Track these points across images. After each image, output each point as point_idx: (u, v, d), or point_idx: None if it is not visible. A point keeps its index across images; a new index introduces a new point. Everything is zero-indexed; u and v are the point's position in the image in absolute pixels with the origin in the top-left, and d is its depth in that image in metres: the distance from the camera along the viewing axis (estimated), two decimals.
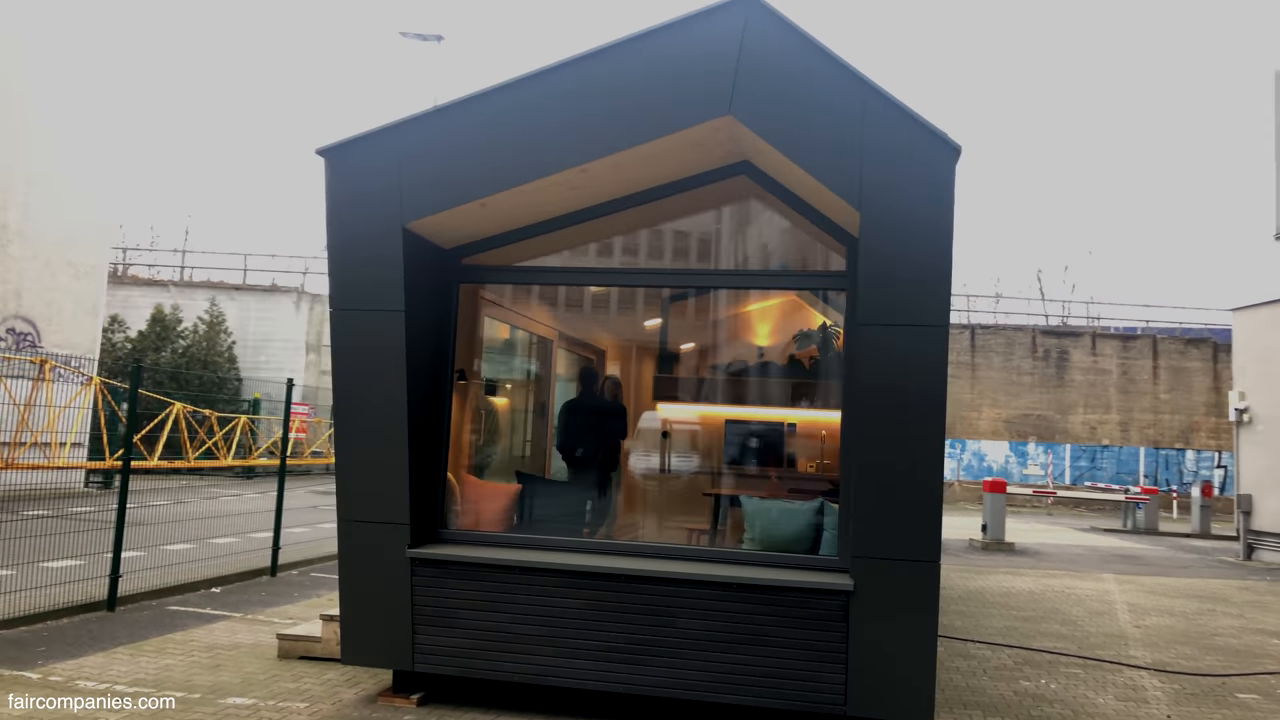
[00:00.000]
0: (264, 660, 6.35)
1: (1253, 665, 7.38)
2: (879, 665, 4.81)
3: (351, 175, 5.12)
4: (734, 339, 8.85)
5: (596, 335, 8.41)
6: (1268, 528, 14.86)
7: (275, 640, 6.72)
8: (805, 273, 5.72)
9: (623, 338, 8.50)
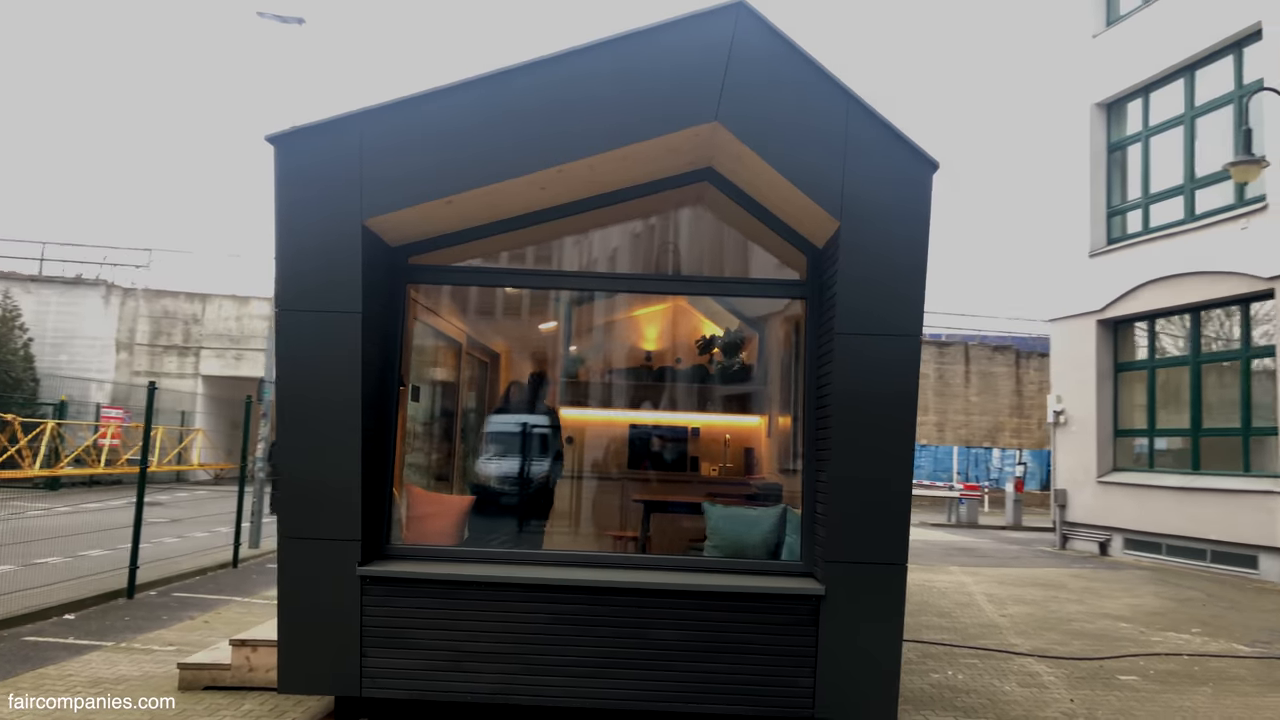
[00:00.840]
0: (165, 693, 5.77)
1: (1115, 649, 8.06)
2: (847, 667, 4.93)
3: (305, 166, 4.74)
4: (628, 343, 8.85)
5: (495, 339, 8.20)
6: (1080, 519, 16.31)
7: (169, 670, 6.15)
8: (764, 280, 5.77)
9: (527, 342, 8.33)
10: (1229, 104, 13.82)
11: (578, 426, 8.22)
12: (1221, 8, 13.77)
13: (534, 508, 6.29)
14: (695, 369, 8.67)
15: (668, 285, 6.16)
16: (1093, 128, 16.27)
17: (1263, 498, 12.62)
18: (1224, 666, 7.49)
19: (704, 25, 4.66)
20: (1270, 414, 12.85)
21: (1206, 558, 13.62)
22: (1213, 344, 14.28)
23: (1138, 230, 15.44)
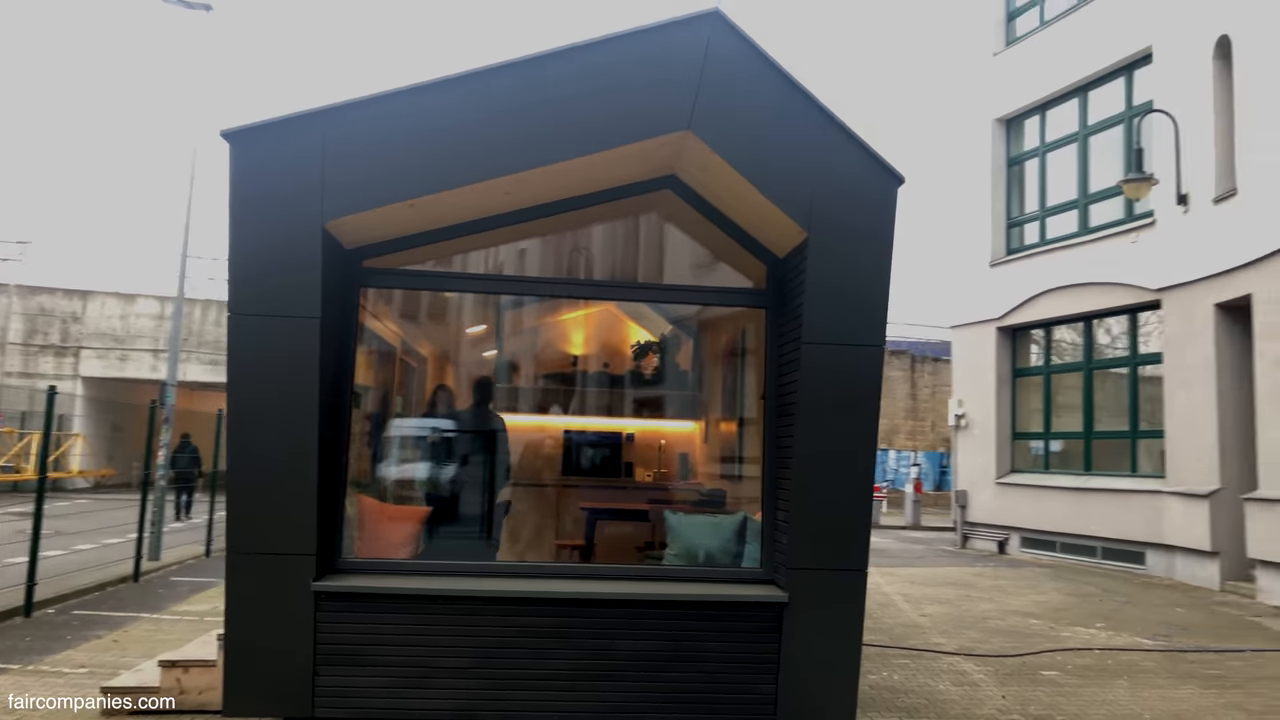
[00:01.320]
0: (80, 715, 5.43)
1: (1032, 645, 8.39)
2: (808, 673, 4.98)
3: (263, 164, 4.53)
4: (559, 348, 8.78)
5: (422, 342, 8.02)
6: (979, 519, 16.95)
7: (88, 695, 5.79)
8: (725, 289, 5.78)
9: (454, 345, 8.17)
10: (1120, 123, 14.59)
11: (510, 432, 8.10)
12: (1113, 32, 14.53)
13: (481, 517, 6.16)
14: (631, 374, 8.65)
15: (628, 292, 6.12)
16: (994, 142, 16.95)
17: (1149, 497, 13.36)
18: (1134, 660, 7.89)
19: (679, 33, 4.65)
20: (1156, 418, 13.61)
21: (1098, 554, 14.34)
22: (1104, 351, 15.05)
23: (1035, 241, 16.15)
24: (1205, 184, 12.48)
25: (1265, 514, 11.01)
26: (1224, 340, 12.26)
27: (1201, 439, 12.45)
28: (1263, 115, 11.30)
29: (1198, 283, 12.58)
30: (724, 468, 7.64)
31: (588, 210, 5.42)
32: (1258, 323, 11.40)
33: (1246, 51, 11.72)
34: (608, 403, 8.85)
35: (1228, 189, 12.08)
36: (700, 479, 8.09)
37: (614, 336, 8.85)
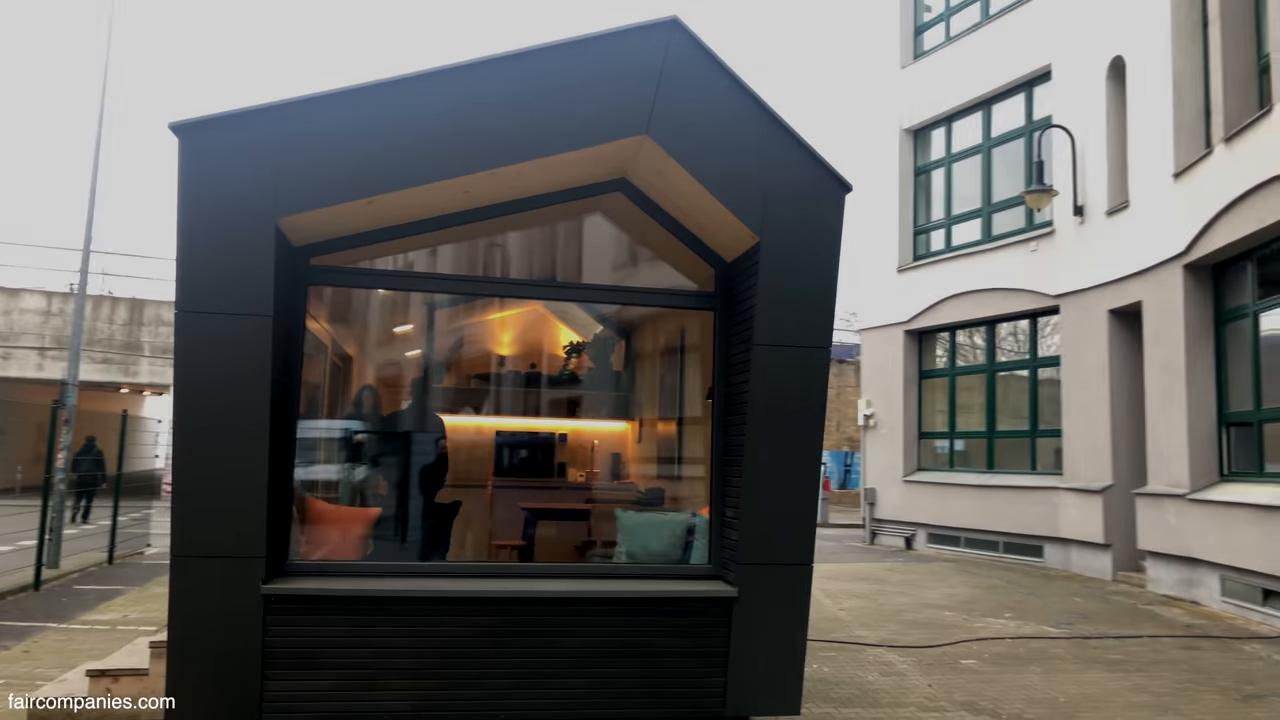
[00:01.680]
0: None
1: (948, 636, 8.75)
2: (756, 665, 5.12)
3: (215, 158, 4.42)
4: (489, 348, 8.77)
5: (349, 342, 7.91)
6: (887, 516, 17.51)
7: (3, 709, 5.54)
8: (674, 291, 5.87)
9: (383, 344, 8.07)
10: (1021, 137, 15.28)
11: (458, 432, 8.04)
12: (1015, 50, 15.21)
13: (429, 518, 6.11)
14: (562, 375, 8.68)
15: (577, 293, 6.17)
16: (901, 152, 17.54)
17: (1047, 493, 14.04)
18: (1043, 647, 8.31)
19: (638, 40, 4.73)
20: (1054, 418, 14.31)
21: (999, 548, 14.99)
22: (1006, 354, 15.73)
23: (941, 248, 16.78)
24: (1100, 196, 13.19)
25: (1153, 508, 11.70)
26: (1117, 344, 12.98)
27: (1095, 438, 13.15)
28: (1152, 134, 12.01)
29: (1093, 290, 13.28)
30: (660, 467, 7.75)
31: (539, 211, 5.45)
32: (1147, 328, 12.10)
33: (1137, 73, 12.43)
34: (539, 403, 8.86)
35: (1120, 202, 12.79)
36: (633, 478, 8.19)
37: (540, 336, 8.87)
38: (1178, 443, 11.23)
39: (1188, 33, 11.67)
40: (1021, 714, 6.13)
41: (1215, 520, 10.42)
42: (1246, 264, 10.51)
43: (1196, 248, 10.95)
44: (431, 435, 6.54)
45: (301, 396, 6.22)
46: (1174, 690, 6.83)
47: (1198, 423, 11.02)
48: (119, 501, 12.58)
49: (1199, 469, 10.95)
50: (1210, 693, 6.78)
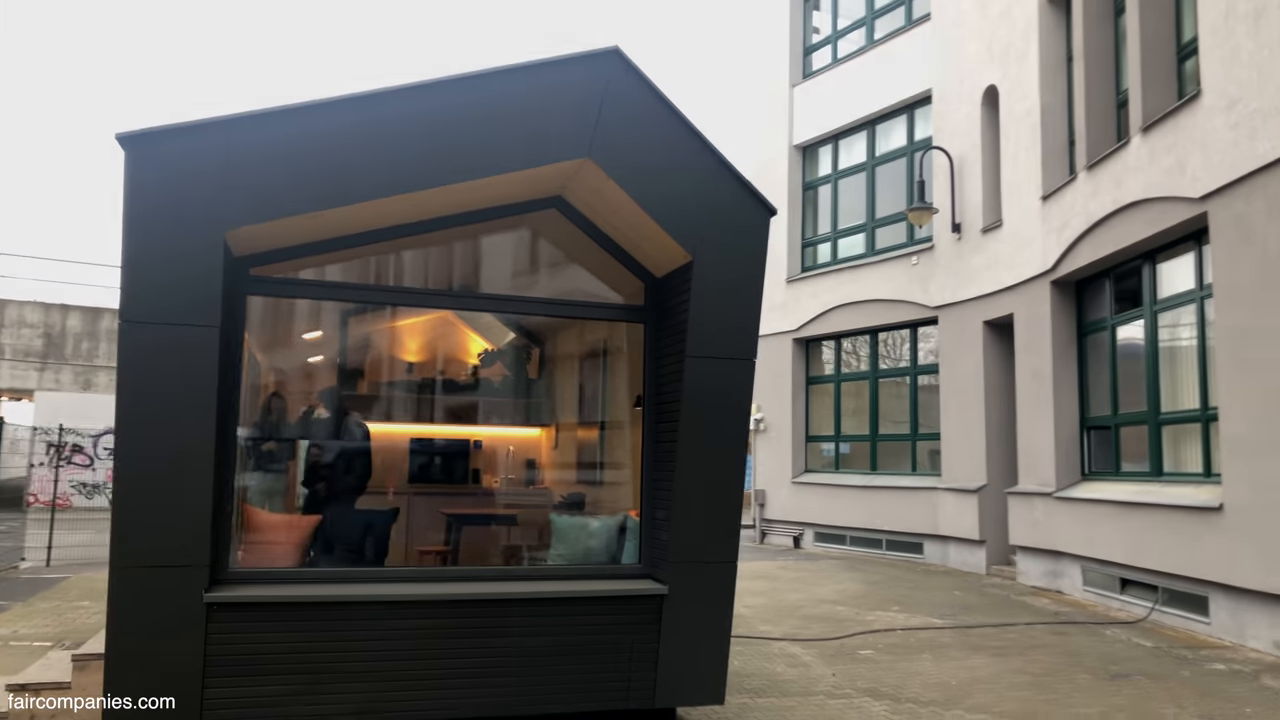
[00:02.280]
0: None
1: (845, 629, 9.28)
2: (685, 658, 5.43)
3: (161, 170, 4.44)
4: (402, 356, 8.84)
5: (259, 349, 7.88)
6: (777, 516, 18.18)
7: None
8: (606, 304, 6.13)
9: (294, 351, 8.06)
10: (903, 156, 16.17)
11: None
12: (897, 74, 16.09)
13: (366, 524, 6.19)
14: (476, 382, 8.82)
15: (515, 305, 6.35)
16: (791, 167, 18.27)
17: (927, 493, 14.90)
18: (931, 637, 8.92)
19: (582, 68, 4.98)
20: (933, 422, 15.19)
21: (883, 546, 15.79)
22: (888, 362, 16.58)
23: (828, 261, 17.55)
24: (976, 215, 14.11)
25: (1022, 506, 12.61)
26: (990, 353, 13.90)
27: (971, 441, 14.05)
28: (1023, 158, 12.96)
29: (969, 302, 14.18)
30: (578, 472, 7.99)
31: (477, 225, 5.63)
32: (1018, 339, 13.03)
33: (1009, 102, 13.38)
34: (453, 410, 8.97)
35: (994, 220, 13.72)
36: (549, 484, 8.40)
37: (450, 343, 8.99)
38: (1045, 445, 12.15)
39: (1054, 67, 12.64)
40: (919, 697, 6.63)
41: (1078, 516, 11.33)
42: (1105, 281, 11.48)
43: (1062, 265, 11.88)
44: (358, 443, 6.61)
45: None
46: (1050, 671, 7.49)
47: (1063, 426, 11.96)
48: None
49: (1064, 469, 11.88)
50: (1081, 673, 7.46)
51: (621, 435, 7.02)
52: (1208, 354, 9.40)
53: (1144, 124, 10.08)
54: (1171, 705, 6.54)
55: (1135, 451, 10.86)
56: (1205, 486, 9.26)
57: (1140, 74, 10.29)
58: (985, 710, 6.32)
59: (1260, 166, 8.27)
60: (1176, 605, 9.54)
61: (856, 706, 6.35)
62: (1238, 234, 8.61)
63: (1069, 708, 6.43)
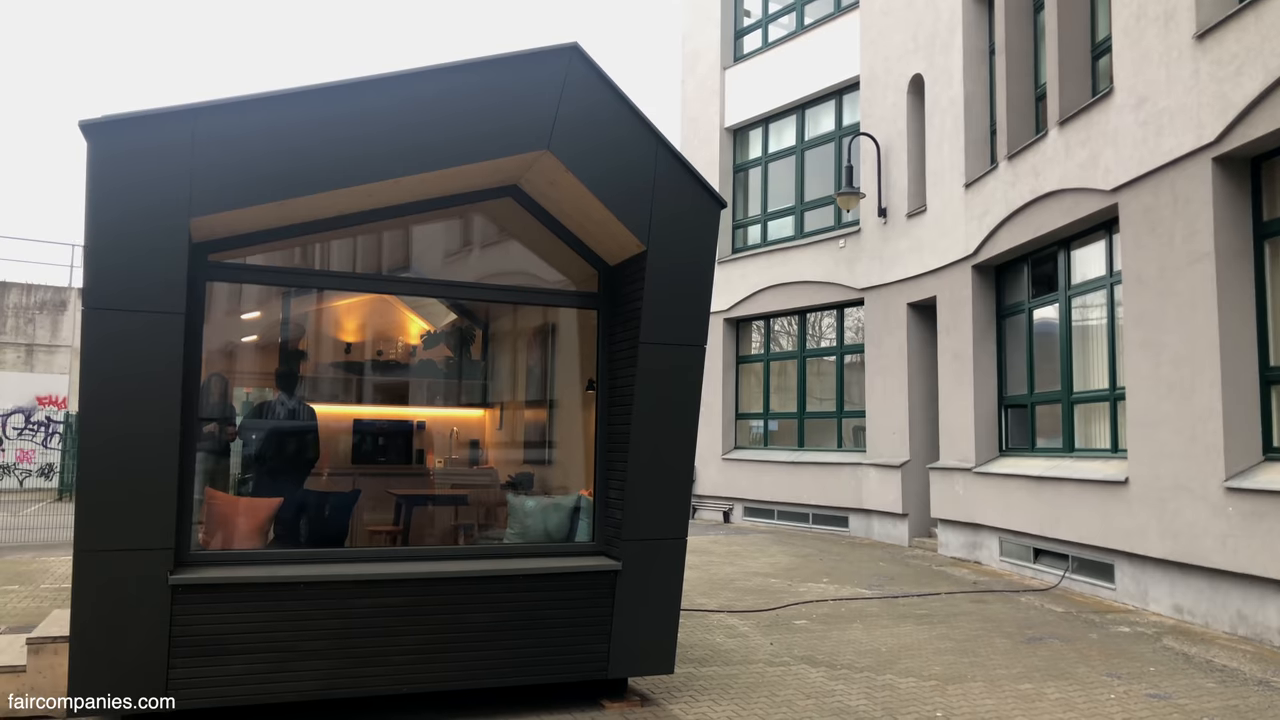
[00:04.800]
0: None
1: (778, 600, 9.67)
2: (636, 630, 5.69)
3: (126, 158, 4.46)
4: (340, 336, 8.88)
5: None
6: (707, 492, 18.60)
7: None
8: (560, 291, 6.29)
9: (232, 330, 8.04)
10: (832, 141, 16.59)
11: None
12: (826, 60, 16.47)
13: (323, 505, 6.27)
14: (422, 363, 8.91)
15: (469, 291, 6.47)
16: (722, 149, 18.56)
17: (852, 469, 15.44)
18: (860, 606, 9.37)
19: (542, 62, 5.12)
20: (859, 400, 15.73)
21: (810, 520, 16.32)
22: (816, 341, 17.07)
23: (758, 242, 17.93)
24: (901, 200, 14.59)
25: (943, 481, 13.21)
26: (914, 334, 14.45)
27: (895, 418, 14.61)
28: (947, 146, 13.45)
29: (894, 284, 14.70)
30: (526, 452, 8.17)
31: (433, 212, 5.74)
32: (941, 320, 13.58)
33: (934, 91, 13.85)
34: (394, 391, 9.04)
35: (918, 206, 14.22)
36: (492, 464, 8.56)
37: (388, 323, 9.05)
38: (965, 422, 12.73)
39: (976, 59, 13.14)
40: (854, 663, 7.02)
41: (995, 490, 11.94)
42: (1024, 266, 12.05)
43: (983, 251, 12.42)
44: (306, 424, 6.67)
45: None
46: (971, 637, 7.97)
47: (982, 405, 12.54)
48: None
49: (983, 445, 12.48)
50: (999, 637, 7.96)
51: (569, 416, 7.22)
52: (1116, 337, 9.99)
53: (1060, 118, 10.60)
54: (1082, 665, 7.05)
55: (1049, 428, 11.48)
56: (1112, 461, 9.88)
57: (1058, 70, 10.80)
58: (914, 674, 6.73)
59: (1167, 162, 8.82)
60: (1085, 573, 10.18)
61: (795, 673, 6.70)
62: (1145, 225, 9.16)
63: (990, 669, 6.89)
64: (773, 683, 6.45)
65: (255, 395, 7.54)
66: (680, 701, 5.90)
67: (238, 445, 6.74)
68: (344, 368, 8.85)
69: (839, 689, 6.32)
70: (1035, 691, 6.33)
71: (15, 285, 25.14)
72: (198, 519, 5.24)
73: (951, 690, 6.33)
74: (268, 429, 6.50)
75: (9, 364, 24.74)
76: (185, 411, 4.77)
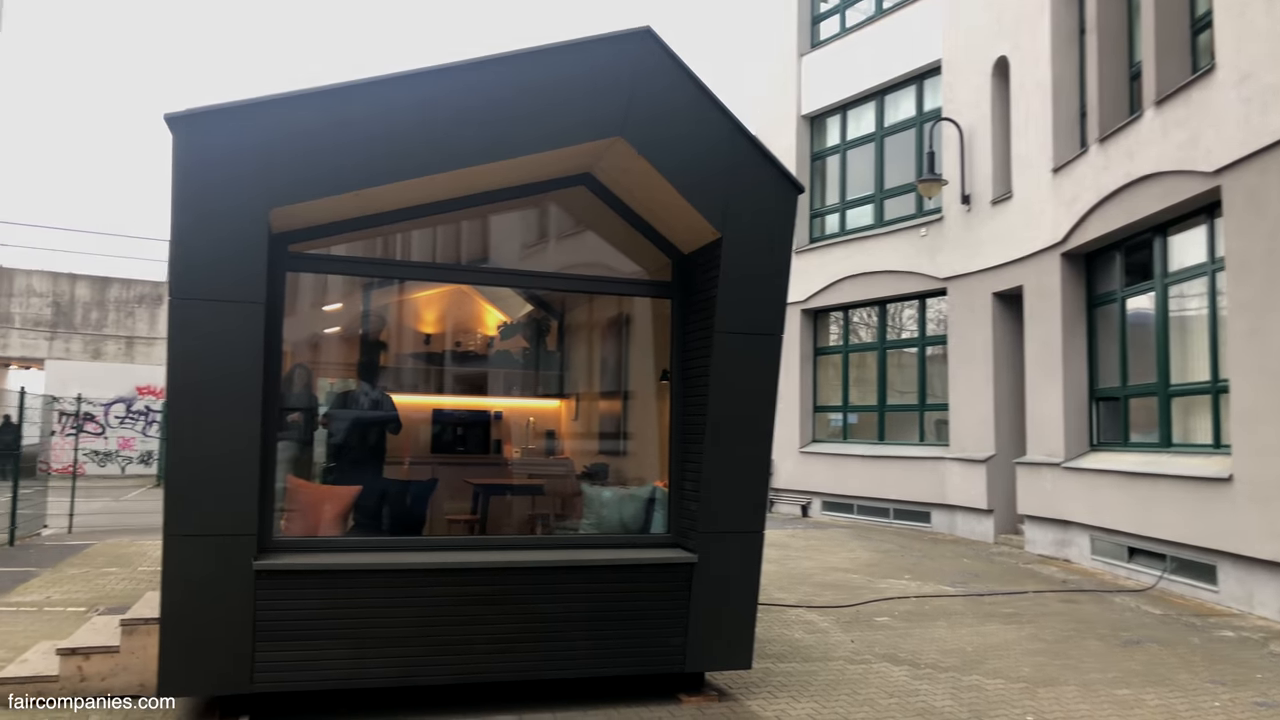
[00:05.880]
0: None
1: (859, 596, 9.47)
2: (713, 625, 5.60)
3: (209, 150, 4.54)
4: (417, 327, 8.95)
5: None
6: (784, 485, 18.37)
7: None
8: (631, 280, 6.24)
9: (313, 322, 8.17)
10: (912, 127, 16.18)
11: None
12: (907, 44, 16.06)
13: (402, 494, 6.34)
14: (499, 354, 8.94)
15: (543, 281, 6.46)
16: (799, 137, 18.27)
17: (934, 463, 15.07)
18: (944, 604, 9.11)
19: (614, 47, 5.06)
20: (941, 393, 15.34)
21: (890, 515, 15.99)
22: (897, 333, 16.70)
23: (836, 231, 17.61)
24: (985, 186, 14.15)
25: (1031, 476, 12.78)
26: (999, 324, 14.01)
27: (979, 411, 14.20)
28: (1033, 130, 12.98)
29: (978, 274, 14.27)
30: (600, 443, 8.14)
31: (507, 202, 5.72)
32: (1027, 310, 13.13)
33: (1020, 73, 13.38)
34: (473, 381, 9.10)
35: (1004, 192, 13.77)
36: (569, 454, 8.54)
37: (466, 315, 9.10)
38: (1053, 416, 12.29)
39: (1066, 39, 12.64)
40: (938, 662, 6.82)
41: (1086, 486, 11.50)
42: (1116, 254, 11.57)
43: (1072, 238, 11.96)
44: (387, 413, 6.74)
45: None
46: (1062, 638, 7.68)
47: (1071, 397, 12.09)
48: (18, 481, 12.17)
49: (1072, 440, 12.03)
50: (1093, 639, 7.65)
51: (644, 406, 7.15)
52: (1218, 326, 9.51)
53: (1157, 97, 10.12)
54: (1183, 671, 6.72)
55: (1144, 422, 11.00)
56: (1215, 457, 9.41)
57: (1154, 47, 10.31)
58: (1003, 675, 6.50)
59: (1273, 142, 8.34)
60: (1184, 574, 9.73)
61: (877, 672, 6.53)
62: (1250, 208, 8.69)
63: (1084, 673, 6.61)
64: (853, 680, 6.30)
65: (339, 385, 7.65)
66: (758, 697, 5.80)
67: (321, 434, 6.85)
68: (423, 358, 8.94)
69: (923, 688, 6.14)
70: (1134, 698, 6.05)
71: (116, 280, 26.21)
72: (280, 506, 5.32)
73: (1043, 694, 6.08)
74: (350, 418, 6.57)
75: (111, 355, 25.81)
76: (266, 400, 4.83)
